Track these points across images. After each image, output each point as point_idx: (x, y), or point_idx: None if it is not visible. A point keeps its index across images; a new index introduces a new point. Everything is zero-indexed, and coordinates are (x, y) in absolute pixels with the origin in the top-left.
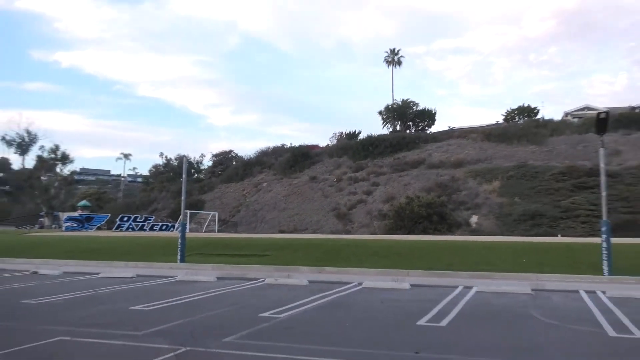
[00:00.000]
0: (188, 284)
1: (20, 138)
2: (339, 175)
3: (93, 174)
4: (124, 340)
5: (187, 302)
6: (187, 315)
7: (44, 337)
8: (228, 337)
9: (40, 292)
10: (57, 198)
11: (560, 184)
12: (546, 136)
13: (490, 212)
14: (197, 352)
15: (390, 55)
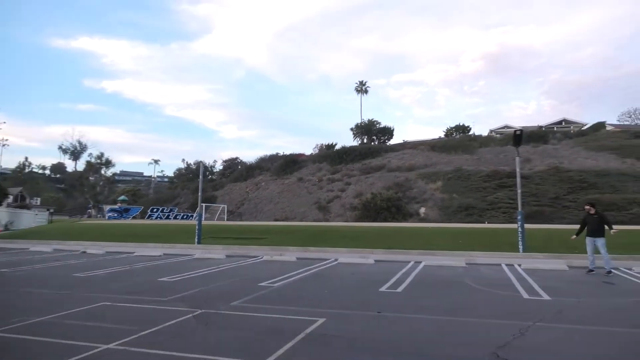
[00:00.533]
0: (203, 261)
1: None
2: (320, 177)
3: (130, 175)
4: (153, 304)
5: (202, 274)
6: (202, 285)
7: (91, 303)
8: (234, 302)
9: (88, 267)
10: (102, 194)
11: (487, 183)
12: (476, 147)
13: (434, 205)
14: (209, 313)
15: (359, 85)
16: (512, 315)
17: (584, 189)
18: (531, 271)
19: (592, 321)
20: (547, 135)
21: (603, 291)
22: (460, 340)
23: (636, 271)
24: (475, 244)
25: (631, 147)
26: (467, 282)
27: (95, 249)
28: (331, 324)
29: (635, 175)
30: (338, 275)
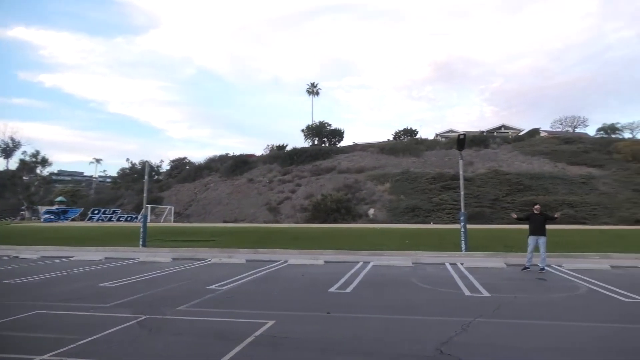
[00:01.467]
0: (148, 264)
1: (5, 144)
2: (270, 178)
3: (69, 175)
4: (93, 311)
5: (147, 278)
6: (147, 289)
7: (23, 311)
8: (181, 306)
9: (20, 273)
10: (37, 194)
11: (433, 185)
12: (423, 150)
13: (383, 206)
14: (155, 319)
15: (310, 87)
16: (455, 312)
17: (520, 191)
18: (472, 269)
19: (527, 315)
20: (488, 139)
21: (537, 287)
22: (407, 338)
23: (566, 268)
24: (422, 244)
25: (562, 152)
26: (413, 281)
27: (29, 254)
28: (280, 326)
29: (565, 178)
30: (288, 277)
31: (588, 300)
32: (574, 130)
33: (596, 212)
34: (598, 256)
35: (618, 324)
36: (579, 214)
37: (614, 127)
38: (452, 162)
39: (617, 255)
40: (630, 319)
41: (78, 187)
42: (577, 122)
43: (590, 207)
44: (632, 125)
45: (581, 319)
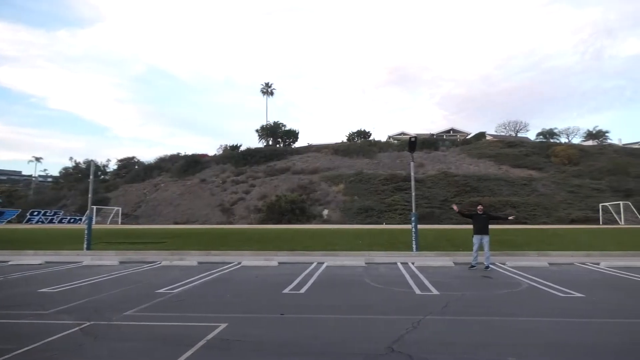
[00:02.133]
0: (93, 268)
1: None
2: (224, 178)
3: (5, 174)
4: (32, 319)
5: (92, 283)
6: (92, 294)
7: None
8: (128, 311)
9: None
10: None
11: (385, 186)
12: (376, 152)
13: (337, 206)
14: (100, 325)
15: (265, 87)
16: (406, 310)
17: (468, 192)
18: (423, 268)
19: (474, 312)
20: (437, 142)
21: (483, 284)
22: (360, 337)
23: (509, 265)
24: (374, 244)
25: (506, 155)
26: (366, 281)
27: None
28: (233, 329)
29: (509, 180)
30: (241, 279)
31: (529, 296)
32: (517, 134)
33: (536, 213)
34: (537, 254)
35: (556, 317)
36: (520, 214)
37: (552, 132)
38: (404, 163)
39: (554, 253)
40: (566, 313)
41: (15, 187)
42: (519, 127)
43: (531, 207)
44: (567, 131)
45: (523, 314)
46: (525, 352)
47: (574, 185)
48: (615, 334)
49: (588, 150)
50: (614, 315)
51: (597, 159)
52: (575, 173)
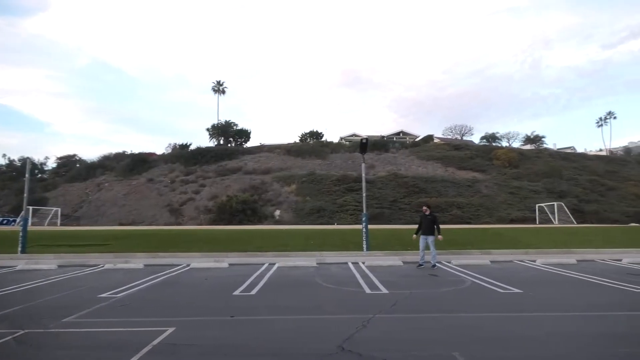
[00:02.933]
0: (29, 272)
1: None
2: (172, 178)
3: None
4: None
5: (27, 288)
6: (27, 300)
7: None
8: (67, 318)
9: None
10: None
11: (337, 187)
12: (328, 153)
13: (289, 207)
14: (36, 333)
15: (216, 85)
16: (357, 310)
17: (416, 193)
18: (373, 268)
19: (421, 309)
20: (388, 144)
21: (429, 283)
22: (310, 337)
23: (454, 264)
24: (326, 245)
25: (452, 158)
26: (317, 281)
27: None
28: (181, 333)
29: (454, 181)
30: (190, 281)
31: (472, 293)
32: (462, 137)
33: (479, 213)
34: (480, 252)
35: (497, 313)
36: (465, 214)
37: (494, 136)
38: (356, 164)
39: (495, 252)
40: (507, 308)
41: None
42: (464, 131)
43: (474, 208)
44: (508, 135)
45: (467, 310)
46: (470, 346)
47: (513, 187)
48: (551, 326)
49: (526, 154)
50: (548, 310)
51: (534, 163)
52: (515, 175)
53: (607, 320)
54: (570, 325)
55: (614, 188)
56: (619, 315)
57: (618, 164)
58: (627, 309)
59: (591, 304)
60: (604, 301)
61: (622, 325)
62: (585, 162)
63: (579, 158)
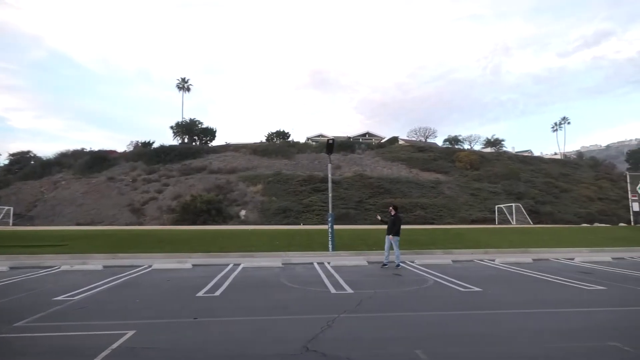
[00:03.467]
0: None
1: None
2: (134, 177)
3: None
4: None
5: None
6: None
7: None
8: (19, 322)
9: None
10: None
11: (303, 187)
12: (295, 153)
13: (255, 207)
14: None
15: (181, 82)
16: (322, 310)
17: (381, 194)
18: (338, 268)
19: (385, 308)
20: (354, 145)
21: (393, 282)
22: (275, 338)
23: (417, 263)
24: (292, 245)
25: (416, 159)
26: (282, 281)
27: None
28: (141, 336)
29: (418, 183)
30: (151, 283)
31: (434, 292)
32: (426, 140)
33: (442, 213)
34: (443, 252)
35: (458, 311)
36: (428, 215)
37: (457, 138)
38: (322, 165)
39: (457, 251)
40: (467, 306)
41: None
42: (428, 133)
43: (437, 208)
44: (470, 138)
45: (429, 308)
46: (432, 344)
47: (474, 189)
48: (507, 322)
49: (487, 157)
50: (506, 307)
51: (494, 165)
52: (476, 177)
53: (560, 316)
54: (526, 322)
55: (567, 190)
56: (570, 311)
57: (571, 167)
58: (578, 305)
59: (545, 301)
60: (557, 298)
61: (573, 321)
62: (541, 165)
63: (536, 161)
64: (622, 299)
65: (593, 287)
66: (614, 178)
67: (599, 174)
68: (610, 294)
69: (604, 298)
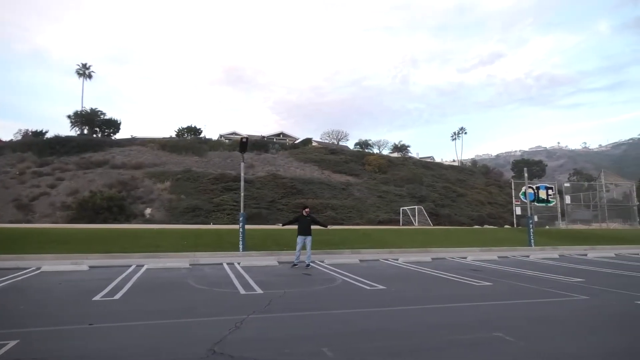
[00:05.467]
0: None
1: None
2: (22, 169)
3: None
4: None
5: None
6: None
7: None
8: None
9: None
10: None
11: (214, 186)
12: (206, 150)
13: (161, 205)
14: None
15: (81, 68)
16: (230, 311)
17: (293, 194)
18: (248, 268)
19: (294, 308)
20: (268, 144)
21: (303, 282)
22: (180, 342)
23: (327, 263)
24: (200, 245)
25: (328, 161)
26: (189, 282)
27: None
28: (26, 346)
29: (330, 184)
30: (40, 287)
31: (342, 290)
32: (338, 142)
33: (351, 214)
34: (351, 252)
35: (364, 308)
36: (338, 216)
37: (367, 142)
38: (235, 163)
39: (364, 251)
40: (372, 304)
41: None
42: (340, 136)
43: (347, 209)
44: (379, 143)
45: (337, 307)
46: (338, 341)
47: (381, 191)
48: (407, 317)
49: (394, 161)
50: (407, 303)
51: (400, 169)
52: (383, 180)
53: (453, 310)
54: (424, 316)
55: (462, 195)
56: (462, 305)
57: (467, 174)
58: (469, 300)
59: (441, 297)
60: (451, 294)
61: (464, 314)
62: (441, 171)
63: (437, 167)
64: (505, 293)
65: (482, 283)
66: (502, 185)
67: (489, 181)
68: (495, 289)
69: (490, 292)
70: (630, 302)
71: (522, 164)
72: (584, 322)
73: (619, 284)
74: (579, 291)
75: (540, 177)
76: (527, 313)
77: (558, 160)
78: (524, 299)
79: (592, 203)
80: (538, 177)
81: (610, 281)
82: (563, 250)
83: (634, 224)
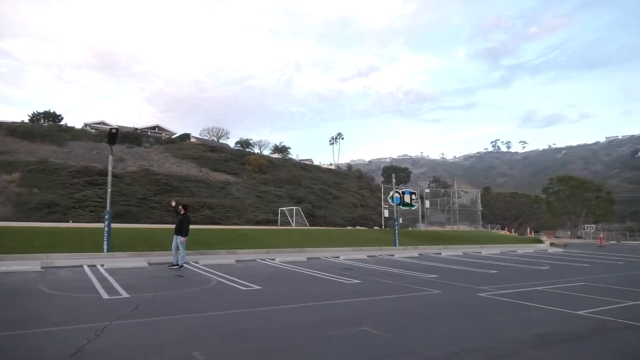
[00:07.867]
0: None
1: None
2: None
3: None
4: None
5: None
6: None
7: None
8: None
9: None
10: None
11: (76, 179)
12: (67, 139)
13: (8, 199)
14: None
15: None
16: (90, 318)
17: (168, 192)
18: (113, 271)
19: (164, 312)
20: (141, 138)
21: (175, 284)
22: (29, 356)
23: (202, 264)
24: (56, 245)
25: (207, 159)
26: (41, 288)
27: None
28: None
29: (208, 182)
30: None
31: (217, 292)
32: (219, 140)
33: (229, 214)
34: (227, 252)
35: (239, 309)
36: (216, 215)
37: (248, 142)
38: (101, 156)
39: (241, 251)
40: (248, 304)
41: None
42: (221, 133)
43: (225, 209)
44: (260, 143)
45: (211, 309)
46: (211, 343)
47: (261, 191)
48: (283, 316)
49: (274, 162)
50: (283, 303)
51: (280, 170)
52: (263, 180)
53: (326, 307)
54: (299, 315)
55: (338, 197)
56: (334, 303)
57: (342, 177)
58: (341, 297)
59: (315, 295)
60: (324, 292)
61: (336, 311)
62: (319, 174)
63: (315, 169)
64: (372, 290)
65: (352, 280)
66: (373, 188)
67: (362, 185)
68: (363, 286)
69: (359, 290)
70: (473, 294)
71: (391, 170)
72: (436, 314)
73: (464, 278)
74: (433, 286)
75: (406, 183)
76: (391, 308)
77: (421, 168)
78: (389, 295)
79: (446, 207)
80: (404, 182)
81: (459, 276)
82: (422, 250)
83: (477, 226)
